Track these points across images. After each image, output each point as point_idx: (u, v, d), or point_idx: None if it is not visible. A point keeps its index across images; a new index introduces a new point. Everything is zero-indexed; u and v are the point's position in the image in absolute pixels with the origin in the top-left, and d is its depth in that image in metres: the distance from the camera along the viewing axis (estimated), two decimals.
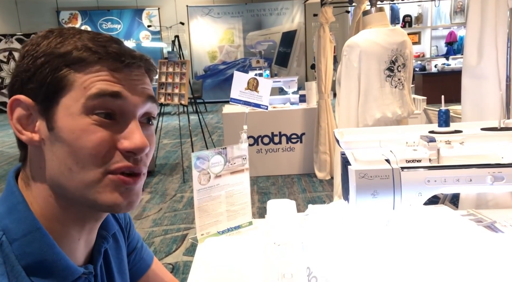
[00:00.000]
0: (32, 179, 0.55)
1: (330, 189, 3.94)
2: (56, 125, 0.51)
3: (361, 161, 0.84)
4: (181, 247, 2.83)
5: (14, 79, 0.53)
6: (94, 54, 0.52)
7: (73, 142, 0.50)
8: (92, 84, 0.51)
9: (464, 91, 1.62)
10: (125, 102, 0.53)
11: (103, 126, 0.51)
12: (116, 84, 0.52)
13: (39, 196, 0.54)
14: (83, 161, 0.51)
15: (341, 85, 2.22)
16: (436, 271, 0.74)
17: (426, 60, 9.35)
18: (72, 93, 0.51)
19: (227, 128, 4.41)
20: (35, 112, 0.53)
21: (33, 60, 0.52)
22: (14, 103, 0.53)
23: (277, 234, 0.90)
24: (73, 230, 0.57)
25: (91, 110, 0.51)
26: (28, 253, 0.50)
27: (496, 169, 0.79)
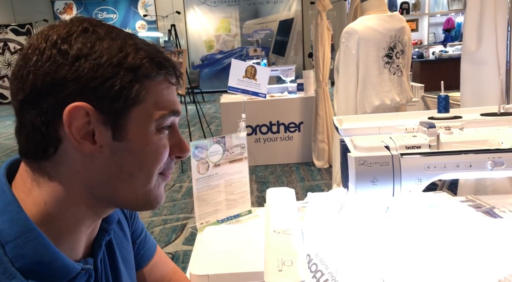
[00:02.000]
0: (58, 181, 0.53)
1: (329, 177, 3.95)
2: (128, 137, 0.53)
3: (361, 148, 0.84)
4: (181, 237, 2.85)
5: (67, 80, 0.49)
6: (162, 69, 0.55)
7: (144, 153, 0.54)
8: (162, 101, 0.55)
9: (463, 77, 1.61)
10: (176, 117, 0.59)
11: (165, 137, 0.57)
12: (176, 100, 0.58)
13: (60, 196, 0.53)
14: (147, 168, 0.55)
15: (339, 72, 2.21)
16: (435, 256, 0.74)
17: (423, 47, 9.31)
18: (143, 107, 0.53)
19: (225, 118, 4.40)
20: (95, 121, 0.51)
21: (97, 68, 0.50)
22: (74, 110, 0.49)
23: (277, 222, 0.90)
24: (84, 226, 0.57)
25: (161, 126, 0.55)
26: (23, 255, 0.49)
27: (496, 154, 0.78)
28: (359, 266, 0.72)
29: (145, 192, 0.56)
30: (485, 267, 0.69)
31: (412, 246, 0.78)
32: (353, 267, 0.72)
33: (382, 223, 0.88)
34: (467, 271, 0.69)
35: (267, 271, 0.70)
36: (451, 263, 0.72)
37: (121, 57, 0.51)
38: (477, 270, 0.69)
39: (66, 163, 0.52)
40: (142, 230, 0.78)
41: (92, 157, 0.52)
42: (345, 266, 0.72)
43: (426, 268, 0.71)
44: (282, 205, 1.01)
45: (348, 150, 0.86)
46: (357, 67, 2.12)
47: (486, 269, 0.68)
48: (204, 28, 11.39)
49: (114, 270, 0.66)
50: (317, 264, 0.74)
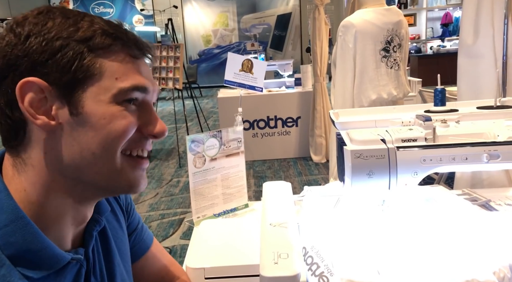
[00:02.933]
0: (31, 165, 0.53)
1: (326, 172, 3.96)
2: (84, 111, 0.52)
3: (357, 141, 0.84)
4: (178, 231, 2.85)
5: (19, 59, 0.49)
6: (117, 40, 0.53)
7: (103, 127, 0.52)
8: (123, 75, 0.53)
9: (460, 70, 1.61)
10: (147, 95, 0.57)
11: (130, 112, 0.54)
12: (143, 76, 0.56)
13: (37, 181, 0.53)
14: (109, 145, 0.53)
15: (336, 66, 2.21)
16: (431, 249, 0.74)
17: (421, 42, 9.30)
18: (101, 82, 0.52)
19: (222, 113, 4.39)
20: (51, 96, 0.51)
21: (46, 42, 0.50)
22: (26, 85, 0.49)
23: (273, 215, 0.90)
24: (68, 215, 0.56)
25: (120, 99, 0.53)
26: (12, 243, 0.49)
27: (492, 147, 0.78)
28: (355, 258, 0.72)
29: (112, 172, 0.55)
30: (480, 259, 0.69)
31: (407, 239, 0.78)
32: (349, 260, 0.72)
33: (378, 216, 0.88)
34: (462, 263, 0.69)
35: (262, 263, 0.70)
36: (446, 255, 0.72)
37: (72, 31, 0.51)
38: (472, 262, 0.69)
39: (34, 146, 0.52)
40: (139, 222, 0.78)
41: (55, 135, 0.52)
42: (341, 258, 0.72)
43: (421, 260, 0.71)
44: (278, 199, 1.01)
45: (344, 144, 0.86)
46: (354, 61, 2.11)
47: (481, 261, 0.69)
48: (202, 23, 11.34)
49: (108, 261, 0.65)
50: (312, 257, 0.74)
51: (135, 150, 0.57)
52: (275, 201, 1.00)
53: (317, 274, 0.70)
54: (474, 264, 0.68)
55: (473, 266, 0.68)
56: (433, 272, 0.67)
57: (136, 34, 0.57)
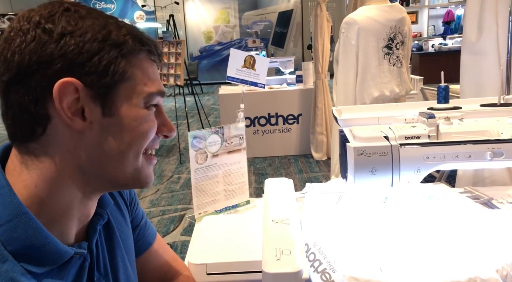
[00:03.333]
0: (48, 162, 0.53)
1: (327, 169, 3.96)
2: (118, 112, 0.54)
3: (360, 138, 0.83)
4: (179, 227, 2.85)
5: (53, 58, 0.49)
6: (145, 46, 0.56)
7: (134, 129, 0.55)
8: (149, 80, 0.57)
9: (463, 67, 1.60)
10: (162, 98, 0.61)
11: (153, 115, 0.59)
12: (159, 81, 0.59)
13: (51, 178, 0.53)
14: (137, 146, 0.57)
15: (339, 63, 2.20)
16: (433, 246, 0.74)
17: (423, 40, 9.28)
18: (133, 86, 0.55)
19: (223, 109, 4.38)
20: (84, 97, 0.52)
21: (83, 44, 0.51)
22: (64, 86, 0.50)
23: (275, 212, 0.90)
24: (75, 209, 0.57)
25: (148, 103, 0.57)
26: (14, 238, 0.49)
27: (495, 145, 0.78)
28: (357, 255, 0.72)
29: (134, 170, 0.58)
30: (482, 257, 0.69)
31: (410, 236, 0.78)
32: (351, 257, 0.72)
33: (381, 213, 0.88)
34: (465, 260, 0.69)
35: (265, 260, 0.70)
36: (449, 252, 0.72)
37: (105, 33, 0.52)
38: (475, 259, 0.69)
39: (56, 143, 0.52)
40: (142, 217, 0.79)
41: (82, 134, 0.53)
42: (343, 255, 0.72)
43: (424, 257, 0.71)
44: (281, 195, 1.00)
45: (347, 140, 0.86)
46: (357, 58, 2.11)
47: (484, 258, 0.69)
48: (203, 19, 11.32)
49: (112, 254, 0.66)
50: (315, 254, 0.74)
51: (149, 149, 0.61)
52: (277, 197, 1.00)
53: (320, 270, 0.70)
54: (477, 262, 0.68)
55: (476, 264, 0.67)
56: (436, 269, 0.67)
57: (151, 38, 0.59)
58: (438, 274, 0.66)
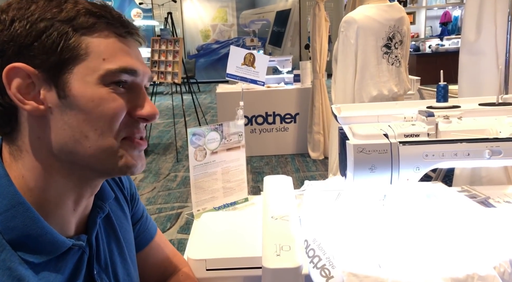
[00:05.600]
0: (26, 151, 0.53)
1: (324, 168, 3.97)
2: (71, 93, 0.51)
3: (359, 135, 0.84)
4: (175, 225, 2.85)
5: (5, 45, 0.49)
6: (101, 19, 0.52)
7: (92, 110, 0.52)
8: (110, 56, 0.52)
9: (461, 67, 1.62)
10: (137, 77, 0.56)
11: (119, 94, 0.54)
12: (132, 58, 0.54)
13: (33, 167, 0.53)
14: (101, 128, 0.52)
15: (337, 62, 2.20)
16: (432, 243, 0.75)
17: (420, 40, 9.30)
18: (88, 63, 0.51)
19: (221, 108, 4.38)
20: (38, 80, 0.51)
21: (30, 25, 0.49)
22: (12, 71, 0.49)
23: (275, 208, 0.90)
24: (69, 200, 0.56)
25: (108, 81, 0.52)
26: (12, 228, 0.49)
27: (494, 143, 0.79)
28: (356, 251, 0.73)
29: (107, 154, 0.54)
30: (480, 254, 0.70)
31: (409, 233, 0.79)
32: (351, 253, 0.72)
33: (379, 210, 0.88)
34: (464, 257, 0.69)
35: (265, 255, 0.71)
36: (447, 250, 0.72)
37: (55, 11, 0.51)
38: (473, 257, 0.69)
39: (27, 131, 0.52)
40: (143, 212, 0.79)
41: (45, 120, 0.52)
42: (343, 251, 0.72)
43: (423, 254, 0.71)
44: (280, 192, 1.01)
45: (346, 138, 0.86)
46: (356, 57, 2.11)
47: (482, 256, 0.69)
48: (200, 17, 11.30)
49: (112, 248, 0.66)
50: (314, 250, 0.74)
51: (132, 136, 0.57)
52: (276, 194, 1.00)
53: (319, 266, 0.70)
54: (475, 259, 0.69)
55: (474, 261, 0.68)
56: (434, 266, 0.68)
57: (121, 13, 0.56)
58: (436, 271, 0.66)
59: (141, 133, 0.58)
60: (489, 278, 0.65)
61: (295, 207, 0.92)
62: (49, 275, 0.52)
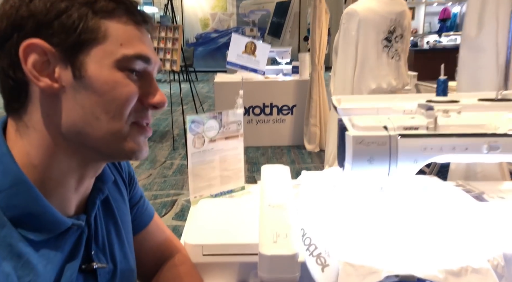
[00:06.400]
0: (33, 128, 0.53)
1: (319, 161, 3.98)
2: (87, 74, 0.52)
3: (359, 127, 0.84)
4: (171, 212, 2.86)
5: (24, 20, 0.49)
6: (120, 5, 0.54)
7: (106, 93, 0.53)
8: (127, 42, 0.53)
9: (461, 62, 1.62)
10: (149, 66, 0.57)
11: (132, 81, 0.55)
12: (146, 46, 0.56)
13: (39, 145, 0.53)
14: (113, 111, 0.53)
15: (338, 54, 2.20)
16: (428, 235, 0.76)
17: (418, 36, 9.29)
18: (105, 46, 0.52)
19: (218, 97, 4.37)
20: (54, 59, 0.51)
21: (50, 3, 0.50)
22: (30, 47, 0.50)
23: (272, 197, 0.91)
24: (72, 179, 0.57)
25: (123, 66, 0.54)
26: (14, 205, 0.50)
27: (492, 139, 0.79)
28: (353, 241, 0.74)
29: (115, 138, 0.55)
30: (475, 247, 0.71)
31: (404, 225, 0.80)
32: (347, 242, 0.73)
33: (376, 202, 0.89)
34: (458, 250, 0.70)
35: (262, 242, 0.71)
36: (442, 242, 0.73)
37: None
38: (467, 250, 0.70)
39: (37, 109, 0.52)
40: (141, 196, 0.79)
41: (57, 98, 0.52)
42: (339, 241, 0.73)
43: (418, 246, 0.72)
44: (278, 181, 1.01)
45: (346, 129, 0.86)
46: (356, 49, 2.11)
47: (476, 249, 0.70)
48: (200, 6, 11.20)
49: (110, 230, 0.66)
50: (311, 238, 0.75)
51: (140, 121, 0.58)
52: (274, 183, 1.00)
53: (315, 254, 0.71)
54: (469, 252, 0.69)
55: (468, 254, 0.69)
56: (429, 258, 0.69)
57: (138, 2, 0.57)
58: (431, 262, 0.67)
59: (148, 119, 0.59)
60: (483, 270, 0.66)
61: (292, 196, 0.92)
62: (48, 252, 0.52)
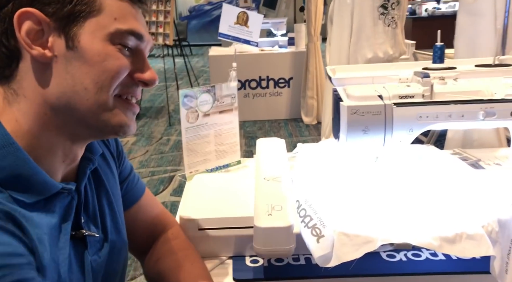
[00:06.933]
0: (23, 95, 0.53)
1: (317, 133, 3.98)
2: (80, 45, 0.53)
3: (354, 97, 0.83)
4: (168, 188, 2.88)
5: None
6: None
7: (97, 64, 0.54)
8: (122, 17, 0.55)
9: (458, 28, 1.59)
10: (142, 43, 0.58)
11: (124, 55, 0.56)
12: (140, 24, 0.57)
13: (28, 112, 0.54)
14: (102, 83, 0.54)
15: (333, 23, 2.16)
16: (423, 203, 0.76)
17: (416, 3, 9.10)
18: (99, 19, 0.53)
19: (214, 71, 4.32)
20: (48, 28, 0.52)
21: None
22: (23, 15, 0.51)
23: (267, 170, 0.90)
24: (59, 150, 0.57)
25: (115, 40, 0.55)
26: (3, 167, 0.50)
27: (488, 105, 0.78)
28: (348, 211, 0.74)
29: (103, 110, 0.56)
30: (469, 214, 0.71)
31: (399, 193, 0.80)
32: (341, 213, 0.73)
33: (371, 171, 0.88)
34: (453, 217, 0.70)
35: (257, 215, 0.71)
36: (437, 209, 0.73)
37: None
38: (462, 216, 0.70)
39: (28, 77, 0.53)
40: (131, 171, 0.79)
41: (49, 67, 0.53)
42: (334, 211, 0.73)
43: (413, 214, 0.72)
44: (272, 154, 1.01)
45: (340, 99, 0.85)
46: (352, 18, 2.06)
47: (471, 215, 0.70)
48: None
49: (101, 200, 0.67)
50: (306, 210, 0.75)
51: (125, 95, 0.59)
52: (269, 156, 1.00)
53: (310, 226, 0.71)
54: (463, 219, 0.70)
55: (463, 220, 0.69)
56: (424, 225, 0.69)
57: None
58: (426, 230, 0.67)
59: (136, 95, 0.60)
60: (477, 236, 0.66)
61: (287, 169, 0.92)
62: (38, 215, 0.52)
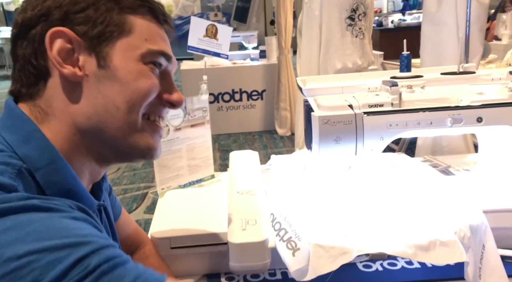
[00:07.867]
0: (53, 115, 0.53)
1: (291, 144, 3.99)
2: (112, 64, 0.53)
3: (324, 107, 0.83)
4: (142, 205, 2.81)
5: (51, 10, 0.51)
6: (145, 2, 0.56)
7: (130, 83, 0.53)
8: (151, 38, 0.56)
9: (423, 38, 1.64)
10: (170, 64, 0.59)
11: (155, 75, 0.56)
12: (167, 45, 0.59)
13: (60, 132, 0.53)
14: (134, 102, 0.54)
15: (302, 35, 2.18)
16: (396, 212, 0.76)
17: (383, 15, 9.40)
18: (130, 39, 0.54)
19: (186, 85, 4.29)
20: (78, 47, 0.52)
21: None
22: (55, 34, 0.51)
23: (241, 183, 0.89)
24: (87, 171, 0.57)
25: (147, 60, 0.55)
26: (54, 182, 0.49)
27: (455, 112, 0.80)
28: (322, 223, 0.73)
29: (133, 131, 0.55)
30: (442, 221, 0.71)
31: (373, 203, 0.79)
32: (316, 225, 0.72)
33: (345, 182, 0.88)
34: (426, 225, 0.71)
35: (230, 230, 0.69)
36: (410, 218, 0.73)
37: None
38: (435, 223, 0.71)
39: (57, 96, 0.52)
40: (110, 191, 0.77)
41: (79, 86, 0.53)
42: (308, 223, 0.72)
43: (386, 223, 0.72)
44: (246, 167, 0.99)
45: (312, 110, 0.85)
46: (320, 29, 2.10)
47: (443, 222, 0.71)
48: None
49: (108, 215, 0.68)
50: (280, 223, 0.73)
51: (153, 115, 0.58)
52: (242, 169, 0.98)
53: (285, 239, 0.70)
54: (436, 226, 0.70)
55: (435, 228, 0.69)
56: (398, 234, 0.69)
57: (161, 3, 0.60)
58: (400, 239, 0.67)
59: (162, 115, 0.60)
60: (450, 243, 0.66)
61: (261, 181, 0.91)
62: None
